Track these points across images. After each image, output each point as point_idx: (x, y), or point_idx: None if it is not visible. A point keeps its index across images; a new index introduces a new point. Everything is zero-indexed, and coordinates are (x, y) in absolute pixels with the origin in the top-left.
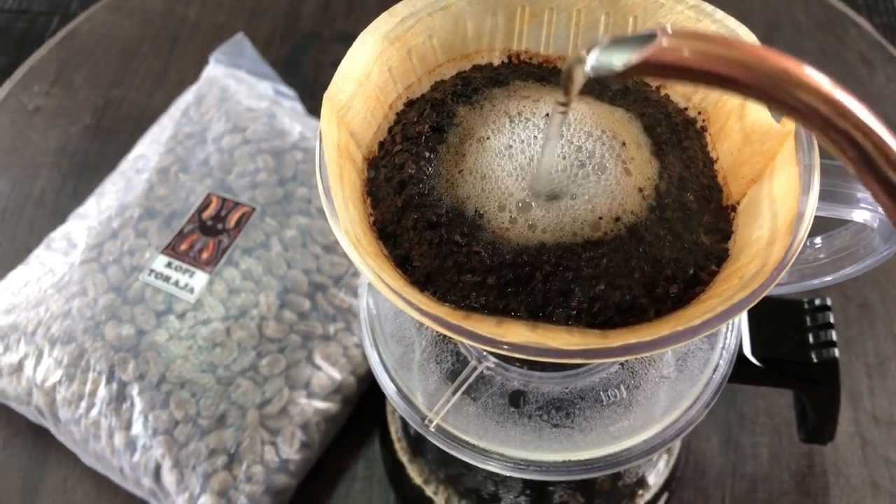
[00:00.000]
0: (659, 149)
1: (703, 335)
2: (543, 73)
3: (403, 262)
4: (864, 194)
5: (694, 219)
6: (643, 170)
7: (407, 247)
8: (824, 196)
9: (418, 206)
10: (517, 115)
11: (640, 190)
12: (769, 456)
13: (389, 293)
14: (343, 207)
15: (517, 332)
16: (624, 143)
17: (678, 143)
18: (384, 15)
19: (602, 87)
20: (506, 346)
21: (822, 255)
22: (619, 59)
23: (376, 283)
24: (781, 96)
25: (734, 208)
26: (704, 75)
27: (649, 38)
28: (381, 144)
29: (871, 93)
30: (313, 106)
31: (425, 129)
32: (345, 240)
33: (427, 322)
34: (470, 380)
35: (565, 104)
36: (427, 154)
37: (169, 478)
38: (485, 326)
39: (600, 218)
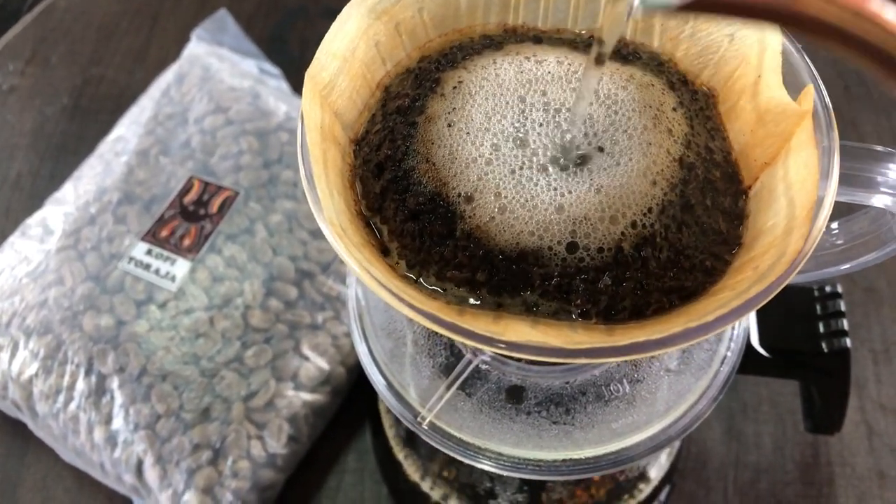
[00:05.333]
0: (687, 118)
1: (715, 332)
2: (541, 37)
3: (391, 254)
4: (884, 178)
5: (717, 201)
6: (666, 141)
7: (391, 237)
8: (842, 180)
9: (397, 192)
10: (511, 73)
11: (672, 158)
12: (773, 445)
13: (377, 287)
14: (327, 195)
15: (516, 330)
16: (658, 111)
17: (700, 111)
18: None
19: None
20: (504, 346)
21: (839, 242)
22: None
23: (363, 276)
24: (846, 31)
25: (746, 192)
26: (763, 10)
27: None
28: (366, 124)
29: None
30: (299, 84)
31: (405, 103)
32: (329, 230)
33: (418, 319)
34: (465, 374)
35: (603, 52)
36: (406, 130)
37: (151, 474)
38: (481, 323)
39: (608, 209)
